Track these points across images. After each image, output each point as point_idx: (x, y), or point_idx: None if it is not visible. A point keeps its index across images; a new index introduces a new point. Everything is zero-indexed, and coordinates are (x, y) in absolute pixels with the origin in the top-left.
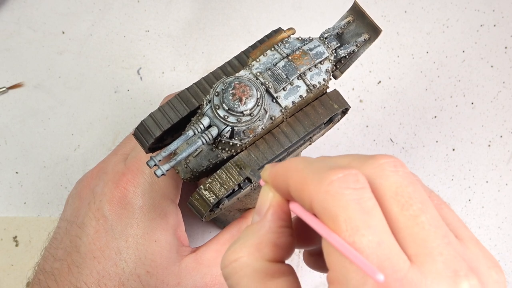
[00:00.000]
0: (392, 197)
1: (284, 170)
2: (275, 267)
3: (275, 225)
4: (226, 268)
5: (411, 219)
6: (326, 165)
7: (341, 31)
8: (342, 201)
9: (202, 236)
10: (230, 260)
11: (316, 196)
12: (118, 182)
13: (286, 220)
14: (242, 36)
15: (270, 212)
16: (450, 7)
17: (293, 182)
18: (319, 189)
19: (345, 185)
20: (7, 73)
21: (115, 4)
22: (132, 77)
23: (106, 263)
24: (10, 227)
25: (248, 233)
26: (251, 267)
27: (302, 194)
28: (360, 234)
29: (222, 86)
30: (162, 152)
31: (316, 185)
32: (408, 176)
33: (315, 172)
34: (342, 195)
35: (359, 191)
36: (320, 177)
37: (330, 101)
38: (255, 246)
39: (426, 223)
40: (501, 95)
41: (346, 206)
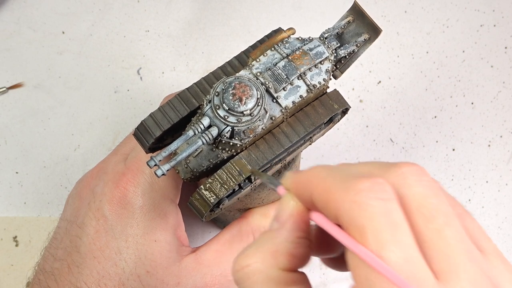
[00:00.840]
0: (417, 209)
1: (306, 178)
2: (289, 275)
3: (294, 235)
4: (238, 272)
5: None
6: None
7: (341, 31)
8: (369, 212)
9: (202, 236)
10: (243, 264)
11: (342, 205)
12: (118, 182)
13: (305, 231)
14: (242, 36)
15: (290, 222)
16: (450, 7)
17: (317, 190)
18: (346, 199)
19: (372, 195)
20: (7, 73)
21: (115, 4)
22: (132, 77)
23: (106, 263)
24: (10, 227)
25: (264, 239)
26: (265, 274)
27: (327, 204)
28: (388, 249)
29: (222, 86)
30: (163, 152)
31: (342, 194)
32: (432, 186)
33: (341, 181)
34: (369, 206)
35: (387, 202)
36: (346, 186)
37: (330, 101)
38: (270, 253)
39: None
40: (501, 95)
41: (374, 218)
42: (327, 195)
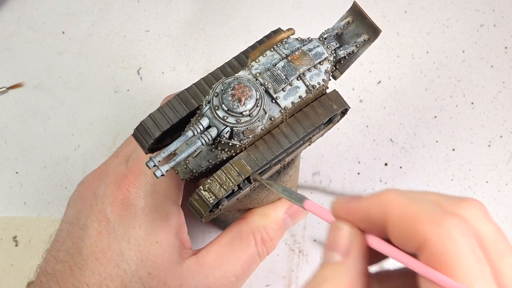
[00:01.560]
0: (492, 245)
1: (381, 203)
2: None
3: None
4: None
5: (510, 268)
6: (434, 206)
7: (340, 32)
8: (462, 249)
9: (202, 236)
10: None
11: (433, 238)
12: (120, 183)
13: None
14: (242, 36)
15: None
16: (450, 7)
17: (396, 217)
18: (438, 232)
19: (463, 232)
20: (7, 73)
21: (115, 4)
22: (132, 77)
23: (108, 264)
24: (10, 227)
25: (334, 275)
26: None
27: (412, 232)
28: (477, 284)
29: (221, 87)
30: (162, 153)
31: (433, 227)
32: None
33: (428, 212)
34: (462, 242)
35: (472, 239)
36: (437, 219)
37: (330, 102)
38: None
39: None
40: (501, 95)
41: (467, 254)
42: (413, 224)
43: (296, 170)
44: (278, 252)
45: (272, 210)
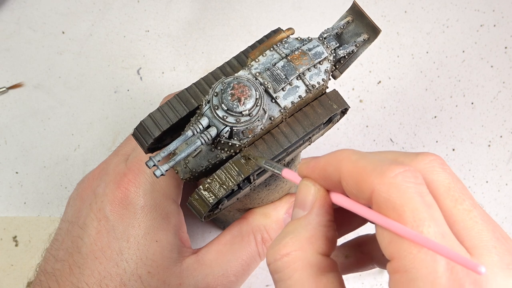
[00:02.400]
0: (446, 192)
1: (335, 160)
2: (326, 261)
3: (325, 218)
4: (277, 261)
5: (465, 213)
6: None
7: (340, 31)
8: (407, 193)
9: (202, 236)
10: (282, 253)
11: (378, 187)
12: (119, 182)
13: (332, 214)
14: (242, 36)
15: (317, 206)
16: (450, 7)
17: (348, 172)
18: (383, 181)
19: (408, 179)
20: (7, 73)
21: (115, 4)
22: (132, 77)
23: (107, 263)
24: (10, 227)
25: (296, 227)
26: (305, 260)
27: (361, 185)
28: (426, 225)
29: (221, 87)
30: (161, 153)
31: (379, 177)
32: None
33: (375, 165)
34: (406, 187)
35: (420, 186)
36: (382, 169)
37: (329, 101)
38: (307, 239)
39: (478, 218)
40: (501, 95)
41: (411, 198)
42: (361, 176)
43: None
44: None
45: (272, 210)
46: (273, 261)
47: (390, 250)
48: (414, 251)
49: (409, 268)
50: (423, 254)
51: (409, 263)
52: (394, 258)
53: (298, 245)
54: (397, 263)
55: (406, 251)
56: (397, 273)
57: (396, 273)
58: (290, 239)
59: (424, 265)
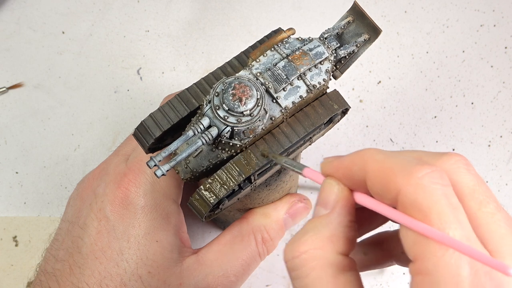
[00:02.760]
0: (470, 194)
1: (360, 159)
2: (345, 260)
3: (346, 219)
4: (295, 259)
5: (489, 217)
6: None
7: (341, 31)
8: (434, 195)
9: (202, 236)
10: (301, 251)
11: (405, 187)
12: (119, 182)
13: (353, 214)
14: (242, 36)
15: (340, 206)
16: (450, 7)
17: (374, 172)
18: (410, 181)
19: (434, 180)
20: (7, 73)
21: (115, 4)
22: (132, 77)
23: (107, 263)
24: (10, 227)
25: (316, 225)
26: (324, 259)
27: (387, 185)
28: (452, 228)
29: (222, 87)
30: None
31: (406, 177)
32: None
33: (402, 164)
34: (433, 189)
35: (446, 187)
36: (409, 169)
37: (330, 101)
38: (327, 238)
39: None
40: (501, 95)
41: (438, 200)
42: (388, 176)
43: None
44: (278, 252)
45: (273, 210)
46: (291, 258)
47: (414, 252)
48: (438, 254)
49: (432, 270)
50: (448, 258)
51: (433, 266)
52: (417, 260)
53: (318, 243)
54: (421, 264)
55: (431, 253)
56: (420, 274)
57: (418, 274)
58: (310, 236)
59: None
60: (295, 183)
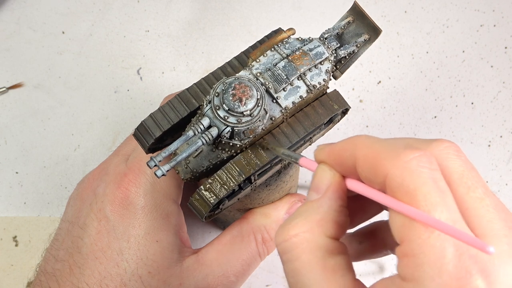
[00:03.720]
0: (459, 179)
1: (350, 145)
2: (334, 244)
3: (336, 203)
4: (285, 242)
5: (477, 201)
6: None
7: (341, 32)
8: (421, 178)
9: (202, 236)
10: (290, 234)
11: (392, 171)
12: (119, 182)
13: (345, 199)
14: (242, 36)
15: (331, 190)
16: (450, 7)
17: (363, 156)
18: (397, 165)
19: (422, 164)
20: (7, 73)
21: (115, 4)
22: (132, 77)
23: (107, 263)
24: (10, 227)
25: (307, 209)
26: (313, 242)
27: (375, 168)
28: (438, 210)
29: (222, 87)
30: (162, 153)
31: (393, 161)
32: (469, 162)
33: (390, 149)
34: (420, 172)
35: (434, 171)
36: (397, 153)
37: (330, 102)
38: (316, 222)
39: (490, 206)
40: (501, 95)
41: (425, 183)
42: (375, 160)
43: (297, 169)
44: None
45: (273, 210)
46: (281, 242)
47: (401, 234)
48: (423, 236)
49: (417, 252)
50: (432, 240)
51: (418, 248)
52: (403, 242)
53: (307, 226)
54: (406, 247)
55: (416, 235)
56: (406, 257)
57: (404, 257)
58: (300, 220)
59: (433, 250)
60: (295, 183)
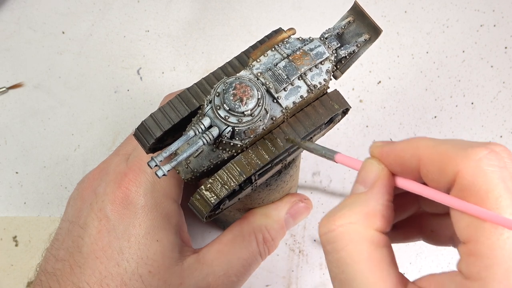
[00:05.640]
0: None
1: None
2: (380, 237)
3: (384, 197)
4: (332, 232)
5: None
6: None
7: (341, 31)
8: (492, 179)
9: (202, 236)
10: (337, 224)
11: (464, 169)
12: (120, 182)
13: (392, 195)
14: (242, 36)
15: (379, 184)
16: (450, 7)
17: (429, 157)
18: (468, 164)
19: (492, 163)
20: (7, 73)
21: (115, 4)
22: (132, 77)
23: (108, 263)
24: (10, 227)
25: (354, 201)
26: (360, 233)
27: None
28: (508, 212)
29: (223, 87)
30: (163, 153)
31: (464, 159)
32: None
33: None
34: (492, 172)
35: (503, 170)
36: (467, 152)
37: (331, 101)
38: (364, 214)
39: None
40: (501, 95)
41: (496, 185)
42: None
43: (297, 169)
44: (278, 252)
45: (273, 210)
46: (326, 232)
47: (467, 234)
48: (493, 237)
49: (486, 253)
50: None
51: (487, 249)
52: (470, 242)
53: (354, 218)
54: (473, 246)
55: (485, 236)
56: (472, 256)
57: (470, 256)
58: (347, 211)
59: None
60: (295, 183)
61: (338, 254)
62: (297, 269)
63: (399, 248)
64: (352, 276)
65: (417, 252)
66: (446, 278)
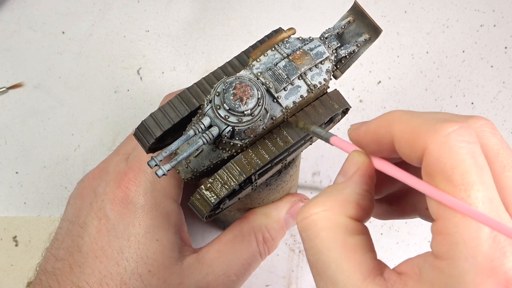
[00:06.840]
0: (495, 157)
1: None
2: (354, 224)
3: (361, 187)
4: (306, 219)
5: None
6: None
7: (341, 31)
8: (459, 155)
9: (202, 236)
10: (311, 212)
11: (431, 146)
12: (120, 181)
13: (371, 186)
14: (242, 36)
15: (357, 175)
16: (450, 7)
17: (400, 131)
18: (435, 139)
19: (461, 138)
20: (7, 73)
21: (115, 4)
22: (132, 77)
23: (108, 262)
24: (10, 227)
25: (331, 190)
26: (333, 221)
27: (413, 144)
28: (475, 189)
29: (223, 86)
30: (163, 152)
31: (432, 135)
32: (504, 140)
33: (428, 123)
34: (459, 148)
35: (473, 145)
36: (435, 128)
37: (331, 101)
38: (338, 202)
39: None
40: (501, 95)
41: (463, 160)
42: (413, 135)
43: (297, 169)
44: (278, 252)
45: (273, 210)
46: (302, 219)
47: (437, 211)
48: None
49: (452, 231)
50: (468, 220)
51: (454, 226)
52: (439, 219)
53: (328, 205)
54: (442, 224)
55: (452, 213)
56: (441, 234)
57: (439, 234)
58: (321, 199)
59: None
60: (295, 183)
61: (313, 242)
62: (297, 269)
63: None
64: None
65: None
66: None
